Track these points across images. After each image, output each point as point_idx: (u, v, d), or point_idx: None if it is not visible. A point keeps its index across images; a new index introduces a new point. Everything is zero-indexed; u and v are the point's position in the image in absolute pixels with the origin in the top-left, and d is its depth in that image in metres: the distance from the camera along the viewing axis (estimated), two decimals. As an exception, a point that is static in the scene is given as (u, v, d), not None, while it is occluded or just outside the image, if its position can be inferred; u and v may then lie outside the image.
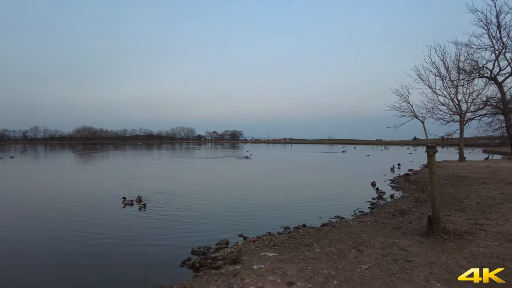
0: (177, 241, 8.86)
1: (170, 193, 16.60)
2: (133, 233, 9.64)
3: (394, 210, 11.13)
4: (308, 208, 12.89)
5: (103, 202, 14.37)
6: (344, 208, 12.73)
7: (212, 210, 12.78)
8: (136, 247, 8.47)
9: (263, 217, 11.45)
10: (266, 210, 12.65)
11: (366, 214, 11.37)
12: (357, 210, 12.28)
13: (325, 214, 11.72)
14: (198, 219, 11.35)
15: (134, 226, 10.52)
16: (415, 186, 17.39)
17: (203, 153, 63.09)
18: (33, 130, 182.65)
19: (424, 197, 13.39)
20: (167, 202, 14.23)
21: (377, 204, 13.21)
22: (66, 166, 36.54)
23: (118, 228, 10.22)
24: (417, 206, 11.33)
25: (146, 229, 10.09)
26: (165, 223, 10.81)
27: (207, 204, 13.94)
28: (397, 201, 13.72)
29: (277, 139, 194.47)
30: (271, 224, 10.41)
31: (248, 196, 15.63)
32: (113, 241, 8.96)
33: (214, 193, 16.72)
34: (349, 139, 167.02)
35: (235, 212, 12.27)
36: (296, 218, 11.13)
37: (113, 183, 20.45)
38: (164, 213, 12.32)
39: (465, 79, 20.37)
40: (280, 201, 14.49)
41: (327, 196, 15.67)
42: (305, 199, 14.76)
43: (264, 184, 20.68)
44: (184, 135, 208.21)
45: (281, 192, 16.90)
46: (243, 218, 11.40)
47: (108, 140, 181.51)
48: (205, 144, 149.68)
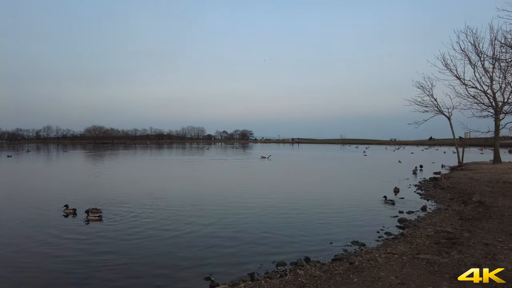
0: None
1: (132, 200, 13.73)
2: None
3: (436, 234, 7.91)
4: (314, 226, 9.76)
5: (43, 211, 11.73)
6: (363, 226, 9.56)
7: (174, 230, 9.75)
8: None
9: (247, 242, 8.31)
10: (255, 230, 9.37)
11: (395, 237, 8.17)
12: (381, 230, 9.07)
13: (337, 236, 8.59)
14: (147, 247, 8.04)
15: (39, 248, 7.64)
16: (451, 195, 13.96)
17: (211, 153, 60.45)
18: (45, 130, 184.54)
19: (471, 212, 10.05)
20: (126, 213, 11.31)
21: (408, 221, 9.94)
22: (48, 165, 34.43)
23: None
24: (468, 228, 8.06)
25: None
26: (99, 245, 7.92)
27: (168, 220, 10.50)
28: (433, 216, 10.43)
29: (287, 138, 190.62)
30: (258, 256, 7.33)
31: (228, 209, 12.38)
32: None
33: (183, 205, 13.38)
34: (362, 139, 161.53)
35: (213, 232, 9.26)
36: (297, 244, 8.04)
37: (69, 187, 17.59)
38: (116, 229, 9.41)
39: (507, 61, 16.66)
40: (274, 214, 11.37)
41: (341, 208, 12.47)
42: (311, 212, 11.61)
43: (255, 187, 17.54)
44: (194, 134, 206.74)
45: (276, 201, 13.73)
46: (220, 243, 8.29)
47: (118, 140, 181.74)
48: (215, 144, 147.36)
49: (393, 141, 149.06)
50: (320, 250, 7.52)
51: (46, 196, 14.72)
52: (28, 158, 45.31)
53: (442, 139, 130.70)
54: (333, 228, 9.47)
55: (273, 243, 8.11)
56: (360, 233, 8.89)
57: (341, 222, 10.17)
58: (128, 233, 8.95)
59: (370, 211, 11.68)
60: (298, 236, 8.66)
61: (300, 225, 9.79)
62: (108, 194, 14.97)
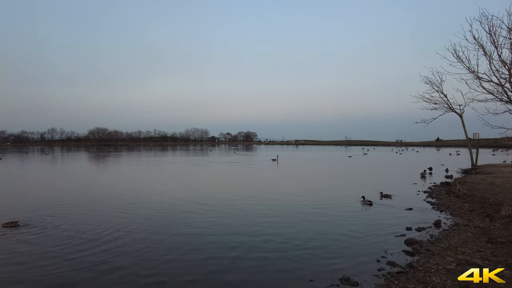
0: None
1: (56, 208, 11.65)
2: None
3: (460, 268, 5.60)
4: (291, 250, 7.50)
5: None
6: (359, 251, 7.25)
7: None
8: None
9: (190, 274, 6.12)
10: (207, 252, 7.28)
11: (401, 272, 5.86)
12: (383, 258, 6.72)
13: (322, 268, 6.31)
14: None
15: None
16: (470, 205, 11.54)
17: (221, 156, 58.34)
18: (50, 132, 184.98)
19: (502, 232, 7.69)
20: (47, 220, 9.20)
21: (418, 242, 7.59)
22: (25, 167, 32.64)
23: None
24: (507, 261, 5.72)
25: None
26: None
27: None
28: (450, 235, 8.07)
29: (290, 140, 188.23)
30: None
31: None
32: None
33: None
34: (367, 140, 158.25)
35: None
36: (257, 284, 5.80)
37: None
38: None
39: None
40: (235, 233, 9.15)
41: (330, 222, 10.20)
42: (287, 231, 9.36)
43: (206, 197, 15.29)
44: (198, 136, 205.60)
45: (237, 213, 11.48)
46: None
47: (122, 142, 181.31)
48: (219, 146, 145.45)
49: (399, 142, 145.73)
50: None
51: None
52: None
53: (450, 140, 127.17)
54: (317, 253, 7.12)
55: (226, 269, 5.87)
56: (355, 261, 6.57)
57: (329, 243, 7.84)
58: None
59: (370, 227, 9.35)
60: (265, 272, 6.38)
61: (276, 245, 7.51)
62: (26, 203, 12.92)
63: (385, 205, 12.38)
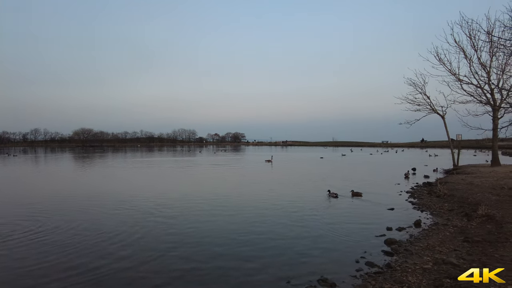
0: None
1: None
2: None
3: (436, 267, 5.64)
4: (269, 249, 7.43)
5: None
6: (338, 252, 7.22)
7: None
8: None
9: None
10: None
11: (379, 272, 5.86)
12: (362, 258, 6.71)
13: (300, 267, 6.25)
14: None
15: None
16: (449, 205, 11.75)
17: (215, 157, 57.79)
18: (33, 133, 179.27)
19: (479, 231, 7.83)
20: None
21: (398, 242, 7.64)
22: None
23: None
24: (481, 259, 5.79)
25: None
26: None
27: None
28: (429, 234, 8.17)
29: (278, 141, 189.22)
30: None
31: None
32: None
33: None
34: (354, 141, 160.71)
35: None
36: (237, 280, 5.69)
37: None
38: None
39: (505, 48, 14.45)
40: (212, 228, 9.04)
41: (310, 219, 10.19)
42: (270, 225, 9.30)
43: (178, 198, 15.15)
44: (186, 137, 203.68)
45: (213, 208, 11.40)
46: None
47: (108, 143, 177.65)
48: (207, 147, 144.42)
49: (385, 143, 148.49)
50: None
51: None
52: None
53: (434, 141, 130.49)
54: (296, 255, 7.04)
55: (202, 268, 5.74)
56: (334, 262, 6.53)
57: (309, 244, 7.79)
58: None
59: (349, 225, 9.38)
60: (241, 273, 6.27)
61: (248, 250, 7.42)
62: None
63: (367, 206, 12.48)
